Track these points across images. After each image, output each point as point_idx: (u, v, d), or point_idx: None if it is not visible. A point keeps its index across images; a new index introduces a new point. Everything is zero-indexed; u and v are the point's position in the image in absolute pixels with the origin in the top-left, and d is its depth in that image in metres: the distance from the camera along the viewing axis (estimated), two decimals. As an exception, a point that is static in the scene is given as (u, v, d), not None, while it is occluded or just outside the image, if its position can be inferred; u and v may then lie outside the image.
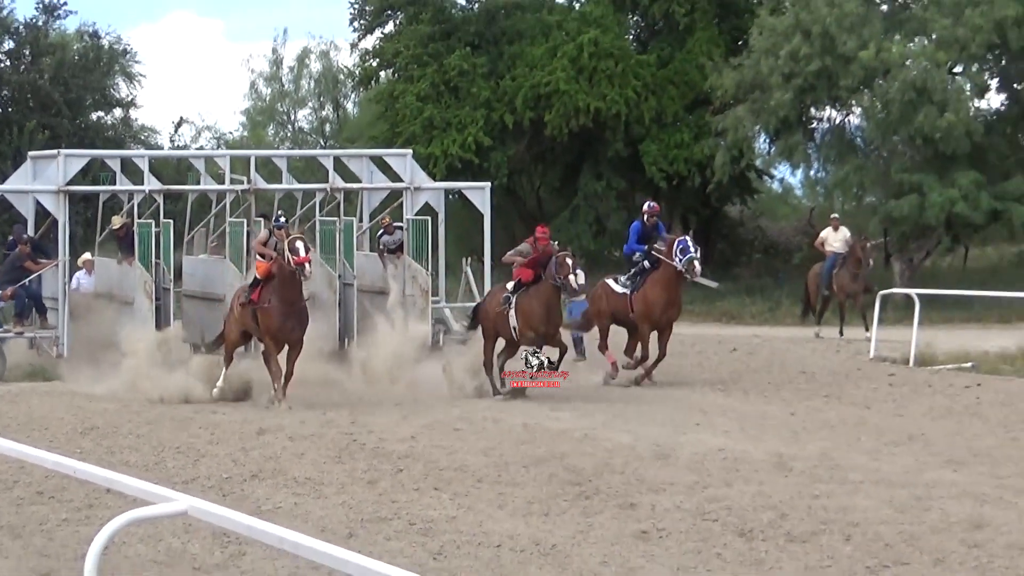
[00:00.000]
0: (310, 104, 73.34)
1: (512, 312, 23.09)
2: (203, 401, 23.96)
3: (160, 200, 33.18)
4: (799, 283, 40.17)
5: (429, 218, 32.98)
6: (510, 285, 23.94)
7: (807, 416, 22.68)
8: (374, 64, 62.20)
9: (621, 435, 20.90)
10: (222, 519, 7.51)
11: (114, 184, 33.98)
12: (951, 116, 47.48)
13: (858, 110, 50.52)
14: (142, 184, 33.73)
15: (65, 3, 63.52)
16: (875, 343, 31.67)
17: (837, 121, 51.79)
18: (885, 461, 19.15)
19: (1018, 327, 29.68)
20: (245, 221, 31.96)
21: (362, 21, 61.32)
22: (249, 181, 33.74)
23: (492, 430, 20.65)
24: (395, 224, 32.61)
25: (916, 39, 49.19)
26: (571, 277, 22.85)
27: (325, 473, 18.37)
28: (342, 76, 70.40)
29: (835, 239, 35.98)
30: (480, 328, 25.36)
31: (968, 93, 49.84)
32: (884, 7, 50.29)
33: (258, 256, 23.62)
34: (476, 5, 61.17)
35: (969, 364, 29.36)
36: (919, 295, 31.80)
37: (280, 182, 35.12)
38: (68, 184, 32.41)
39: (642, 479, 17.72)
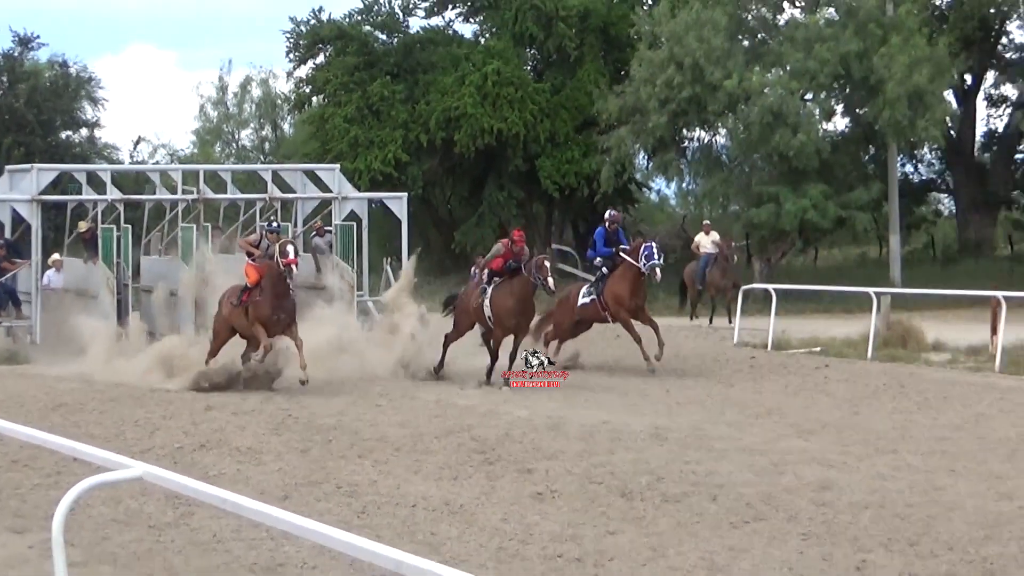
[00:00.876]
0: (252, 125, 73.26)
1: (487, 303, 23.00)
2: (158, 382, 23.54)
3: (120, 208, 33.96)
4: (675, 280, 40.18)
5: (354, 224, 33.17)
6: (485, 276, 23.80)
7: (680, 393, 22.79)
8: (307, 90, 62.17)
9: (520, 410, 21.14)
10: (173, 483, 7.48)
11: (81, 194, 34.59)
12: (803, 137, 48.09)
13: (723, 131, 51.05)
14: (105, 194, 34.25)
15: (38, 36, 63.99)
16: (738, 331, 31.91)
17: (705, 141, 52.35)
18: (746, 432, 19.30)
19: (860, 317, 29.83)
20: (195, 226, 32.01)
21: (296, 53, 60.76)
22: (198, 192, 33.99)
23: (408, 406, 20.68)
24: (325, 228, 32.57)
25: (773, 70, 49.58)
26: (549, 280, 22.72)
27: (264, 443, 18.32)
28: (279, 101, 70.25)
29: (707, 242, 36.40)
30: (454, 315, 25.05)
31: (817, 117, 50.38)
32: (746, 43, 50.61)
33: (246, 255, 23.42)
34: (395, 39, 61.12)
35: (818, 348, 29.70)
36: (776, 290, 32.05)
37: (225, 192, 35.47)
38: (41, 194, 33.32)
39: (538, 448, 17.78)
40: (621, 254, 25.14)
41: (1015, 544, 11.91)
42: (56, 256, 31.02)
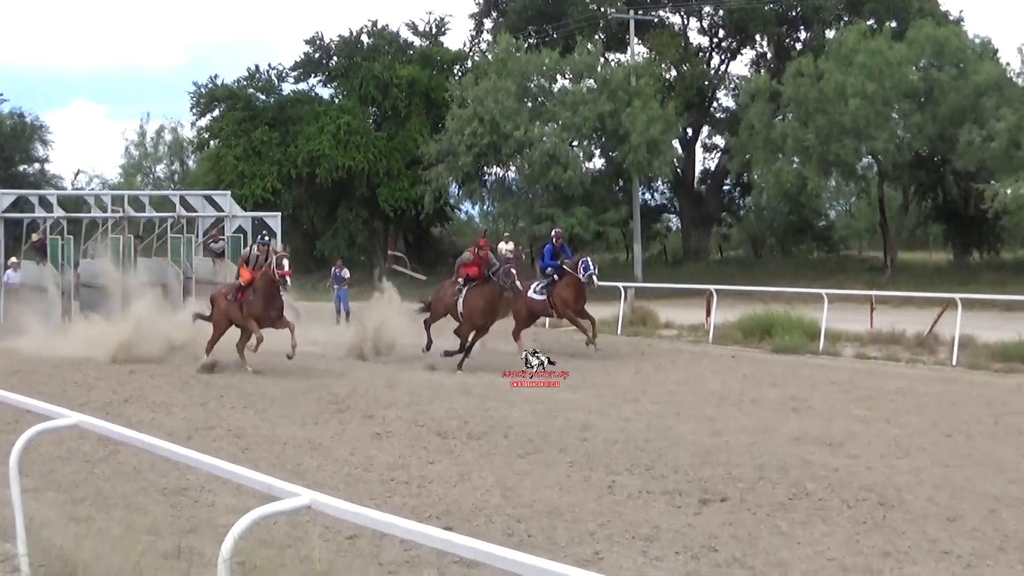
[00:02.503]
0: (164, 161, 72.64)
1: (461, 301, 22.40)
2: (94, 354, 23.04)
3: (64, 223, 34.08)
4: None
5: (241, 235, 32.62)
6: (461, 280, 23.11)
7: (484, 357, 22.66)
8: (206, 136, 61.16)
9: (363, 372, 21.00)
10: (103, 429, 7.35)
11: (34, 212, 33.52)
12: (571, 173, 49.00)
13: (513, 168, 51.17)
14: (52, 212, 33.71)
15: (1, 94, 65.36)
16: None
17: (500, 175, 52.55)
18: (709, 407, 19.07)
19: (612, 304, 29.85)
20: (120, 237, 31.61)
21: (198, 108, 60.56)
22: (123, 211, 33.49)
23: (281, 369, 20.35)
24: (220, 237, 32.17)
25: (549, 124, 49.94)
26: (517, 283, 22.21)
27: (173, 399, 18.15)
28: (185, 143, 69.66)
29: (505, 248, 36.26)
30: (431, 309, 24.20)
31: (581, 158, 50.99)
32: (529, 104, 50.73)
33: (244, 265, 22.57)
34: (272, 99, 60.57)
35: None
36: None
37: (144, 212, 34.96)
38: (3, 212, 31.95)
39: (377, 400, 17.81)
40: (564, 266, 24.77)
41: (722, 468, 12.14)
42: (14, 259, 30.30)
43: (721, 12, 57.79)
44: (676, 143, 56.10)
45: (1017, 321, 25.04)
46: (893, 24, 51.46)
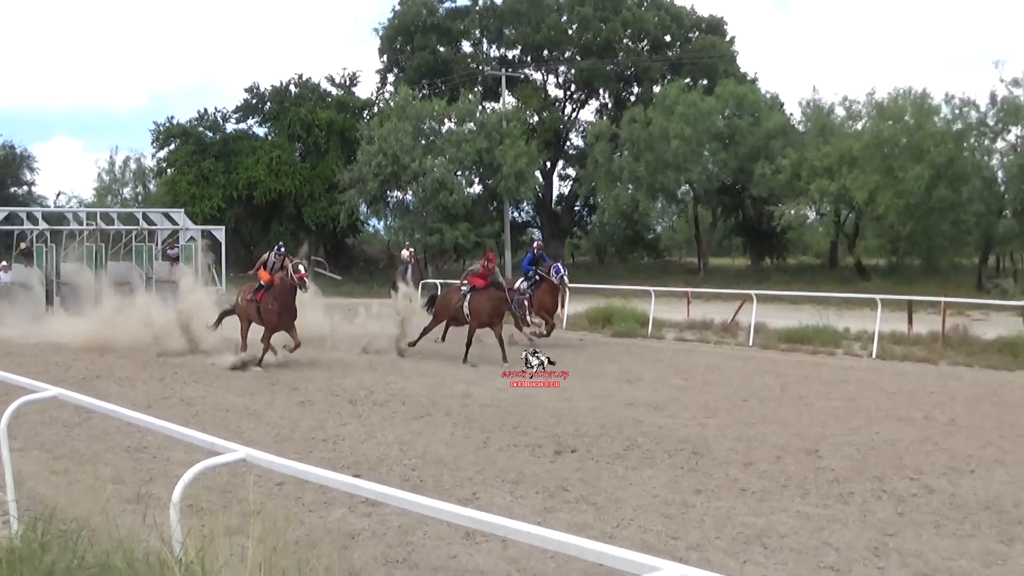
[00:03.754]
0: (130, 185, 70.46)
1: (466, 304, 21.03)
2: (71, 340, 22.32)
3: (48, 234, 32.72)
4: (387, 277, 39.81)
5: (192, 244, 32.02)
6: (465, 287, 21.68)
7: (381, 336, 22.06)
8: (164, 165, 59.71)
9: (289, 354, 19.81)
10: (77, 400, 7.18)
11: (23, 225, 32.59)
12: (455, 196, 49.05)
13: (410, 192, 50.70)
14: (38, 225, 32.76)
15: None
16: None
17: (400, 197, 51.89)
18: (423, 363, 19.14)
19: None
20: (93, 245, 30.91)
21: (157, 143, 59.01)
22: (96, 225, 32.67)
23: (224, 351, 19.85)
24: (175, 245, 31.53)
25: (438, 158, 49.52)
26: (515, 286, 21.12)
27: (136, 375, 17.69)
28: (147, 171, 67.69)
29: (405, 254, 35.71)
30: (435, 310, 22.62)
31: (463, 184, 50.79)
32: (423, 141, 50.36)
33: (263, 268, 20.93)
34: (217, 135, 59.23)
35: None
36: (440, 283, 31.75)
37: (113, 225, 34.13)
38: None
39: (301, 374, 17.50)
40: (540, 273, 23.86)
41: (572, 426, 12.27)
42: (4, 263, 29.31)
43: (572, 71, 57.95)
44: (538, 173, 56.12)
45: (799, 312, 25.64)
46: (704, 82, 52.40)
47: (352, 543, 7.57)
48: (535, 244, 23.31)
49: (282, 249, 19.88)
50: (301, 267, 18.77)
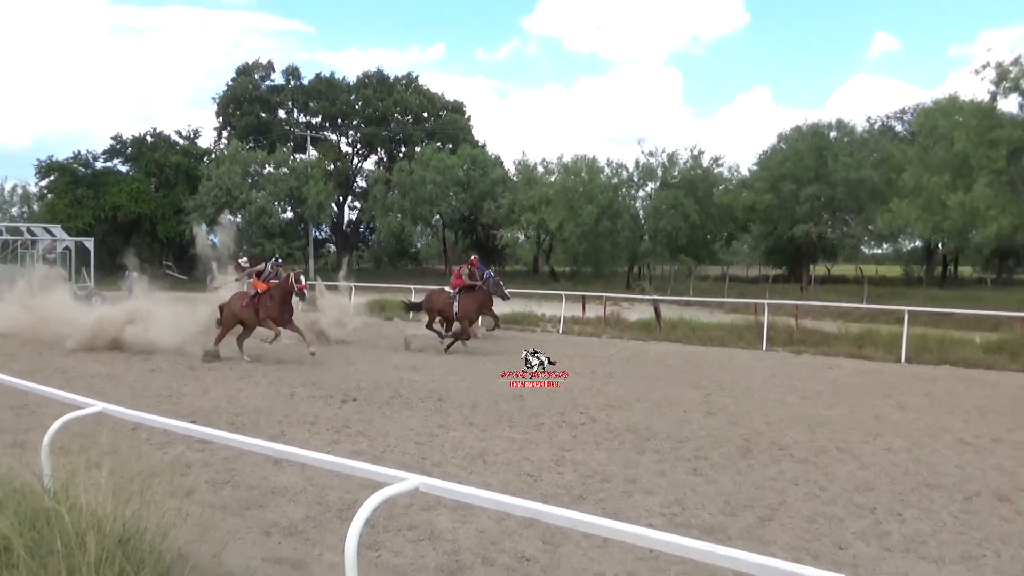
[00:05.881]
0: (17, 206, 63.98)
1: (456, 302, 17.51)
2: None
3: None
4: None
5: (67, 251, 29.33)
6: (451, 291, 18.14)
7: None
8: (45, 191, 55.27)
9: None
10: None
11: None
12: (273, 220, 47.66)
13: (239, 215, 49.56)
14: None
15: None
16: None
17: (232, 219, 48.98)
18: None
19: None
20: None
21: (39, 175, 56.06)
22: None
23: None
24: (53, 252, 28.71)
25: (261, 192, 47.79)
26: (505, 291, 18.11)
27: (17, 351, 15.99)
28: (32, 196, 61.96)
29: (240, 261, 32.63)
30: (425, 310, 18.80)
31: (279, 212, 48.83)
32: (250, 180, 48.65)
33: (256, 277, 17.16)
34: (89, 171, 55.45)
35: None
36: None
37: (2, 236, 30.75)
38: None
39: (155, 350, 16.22)
40: (470, 280, 20.16)
41: (354, 383, 11.98)
42: None
43: (359, 134, 57.94)
44: (334, 205, 55.70)
45: (513, 304, 25.79)
46: (450, 145, 53.13)
47: (188, 471, 7.14)
48: (472, 259, 20.56)
49: (279, 260, 16.88)
50: (303, 278, 15.86)
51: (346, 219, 61.96)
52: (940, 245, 42.11)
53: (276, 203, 51.45)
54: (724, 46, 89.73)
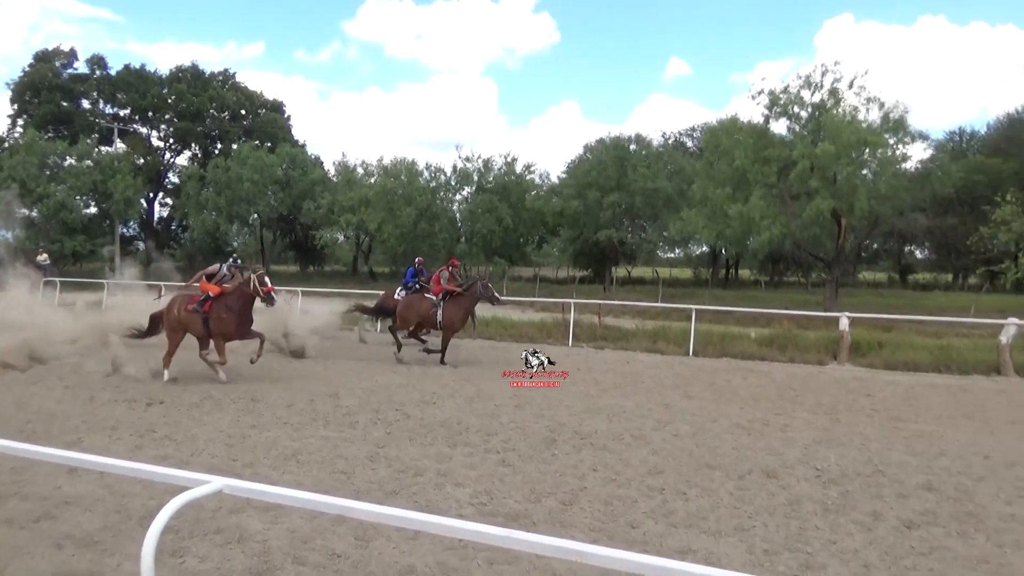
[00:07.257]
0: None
1: (440, 311, 14.08)
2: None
3: None
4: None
5: None
6: (434, 297, 14.66)
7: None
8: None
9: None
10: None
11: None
12: (74, 215, 43.61)
13: (36, 210, 43.94)
14: None
15: None
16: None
17: (28, 213, 44.82)
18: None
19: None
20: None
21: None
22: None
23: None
24: None
25: (60, 186, 43.68)
26: (496, 295, 14.71)
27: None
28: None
29: (40, 258, 29.48)
30: (401, 316, 15.35)
31: (81, 206, 45.06)
32: (48, 172, 44.35)
33: (205, 279, 12.56)
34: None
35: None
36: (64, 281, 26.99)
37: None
38: None
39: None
40: (420, 284, 16.67)
41: (159, 384, 11.16)
42: None
43: (171, 128, 54.26)
44: (143, 201, 52.12)
45: (331, 303, 25.20)
46: (269, 144, 51.06)
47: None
48: (417, 260, 17.79)
49: (238, 261, 13.87)
50: (268, 279, 12.62)
51: (156, 216, 58.44)
52: (723, 250, 44.77)
53: (78, 197, 47.39)
54: (537, 61, 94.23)
